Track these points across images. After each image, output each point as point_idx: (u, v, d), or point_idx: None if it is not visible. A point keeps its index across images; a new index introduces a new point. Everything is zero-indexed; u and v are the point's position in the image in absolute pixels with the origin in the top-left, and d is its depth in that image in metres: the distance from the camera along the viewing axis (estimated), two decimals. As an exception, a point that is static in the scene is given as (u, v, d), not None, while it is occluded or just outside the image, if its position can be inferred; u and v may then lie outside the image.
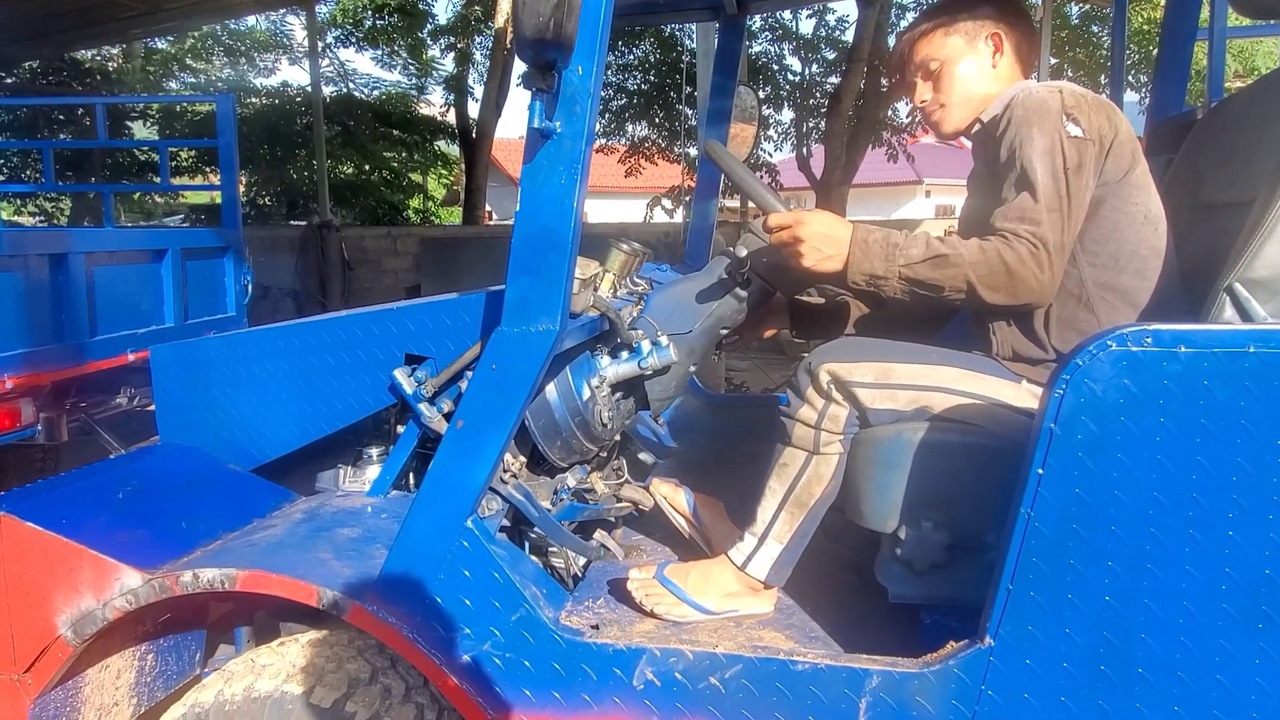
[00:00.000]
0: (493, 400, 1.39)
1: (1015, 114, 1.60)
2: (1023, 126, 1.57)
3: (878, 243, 1.58)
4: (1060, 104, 1.58)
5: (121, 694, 1.79)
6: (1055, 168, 1.54)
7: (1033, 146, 1.54)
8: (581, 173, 1.31)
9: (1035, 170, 1.53)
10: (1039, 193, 1.52)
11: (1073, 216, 1.55)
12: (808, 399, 1.57)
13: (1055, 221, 1.52)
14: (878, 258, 1.57)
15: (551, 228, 1.33)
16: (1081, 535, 1.22)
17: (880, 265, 1.57)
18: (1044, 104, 1.58)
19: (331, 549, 1.61)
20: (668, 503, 1.98)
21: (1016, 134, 1.58)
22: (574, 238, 1.33)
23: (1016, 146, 1.57)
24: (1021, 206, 1.53)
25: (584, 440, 1.71)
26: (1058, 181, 1.53)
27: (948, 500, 1.49)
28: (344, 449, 2.03)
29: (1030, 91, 1.63)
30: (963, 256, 1.53)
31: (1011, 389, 1.56)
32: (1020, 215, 1.53)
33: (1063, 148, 1.55)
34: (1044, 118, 1.57)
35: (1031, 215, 1.51)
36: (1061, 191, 1.53)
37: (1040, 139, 1.55)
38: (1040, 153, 1.54)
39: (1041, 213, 1.51)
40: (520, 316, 1.36)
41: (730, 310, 1.78)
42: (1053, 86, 1.63)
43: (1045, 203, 1.51)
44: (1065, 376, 1.19)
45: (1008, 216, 1.54)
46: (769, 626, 1.70)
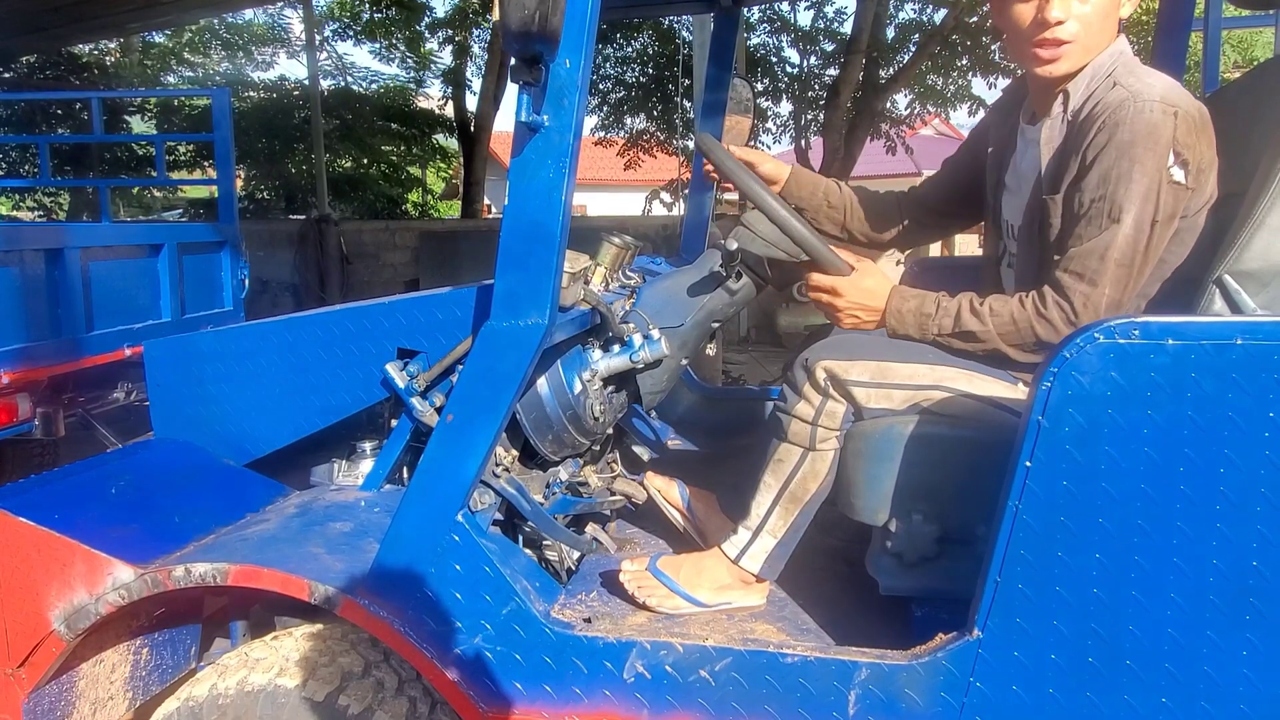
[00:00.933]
0: (482, 394, 1.39)
1: (1119, 138, 1.40)
2: (1123, 157, 1.40)
3: (911, 313, 1.57)
4: (1172, 134, 1.40)
5: (116, 688, 1.79)
6: (1144, 218, 1.40)
7: (1129, 187, 1.39)
8: (570, 166, 1.31)
9: (1124, 219, 1.40)
10: (1115, 246, 1.40)
11: (1144, 273, 1.45)
12: (804, 395, 1.57)
13: (1120, 279, 1.42)
14: (912, 327, 1.58)
15: (540, 221, 1.33)
16: (1069, 527, 1.22)
17: (915, 333, 1.58)
18: (1155, 131, 1.39)
19: (324, 543, 1.61)
20: (661, 496, 1.98)
21: (1114, 163, 1.40)
22: (562, 231, 1.33)
23: (1110, 178, 1.41)
24: (1086, 260, 1.42)
25: (575, 434, 1.71)
26: (1140, 235, 1.41)
27: (938, 493, 1.49)
28: (339, 443, 2.03)
29: (1141, 104, 1.41)
30: (990, 332, 1.50)
31: (1007, 389, 1.56)
32: (1081, 270, 1.43)
33: (1159, 195, 1.40)
34: (1151, 149, 1.39)
35: (1094, 274, 1.41)
36: (1141, 246, 1.41)
37: (1140, 179, 1.39)
38: (1135, 197, 1.39)
39: (1107, 271, 1.41)
40: (509, 310, 1.36)
41: (721, 303, 1.78)
42: (1169, 103, 1.41)
43: (1118, 257, 1.41)
44: (1053, 369, 1.19)
45: (1069, 267, 1.44)
46: (761, 619, 1.71)
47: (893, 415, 1.53)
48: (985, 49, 12.18)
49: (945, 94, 13.48)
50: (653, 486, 1.98)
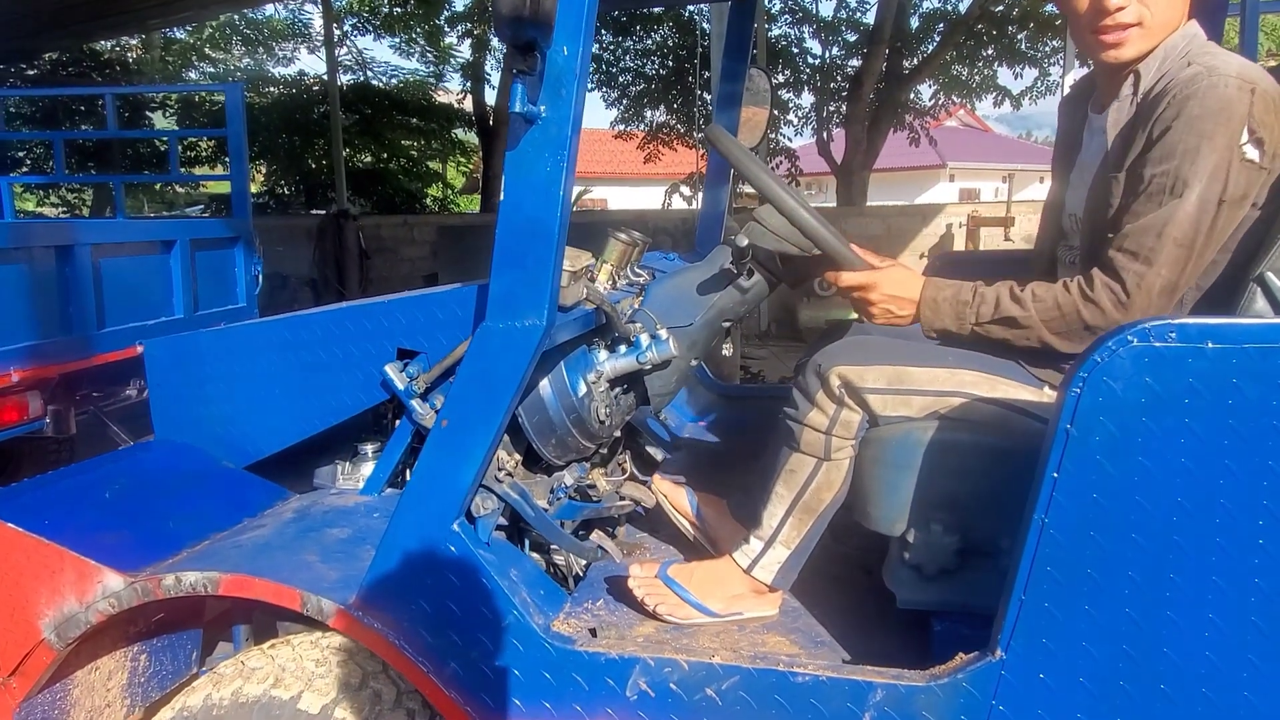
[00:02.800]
0: (479, 398, 1.33)
1: (1188, 106, 1.32)
2: (1191, 131, 1.31)
3: (947, 301, 1.50)
4: (1248, 110, 1.30)
5: (114, 695, 1.75)
6: (1210, 197, 1.31)
7: (1195, 162, 1.30)
8: (569, 159, 1.25)
9: (1187, 194, 1.31)
10: (1175, 223, 1.31)
11: (1205, 256, 1.36)
12: (818, 403, 1.50)
13: (1177, 260, 1.32)
14: (948, 317, 1.50)
15: (537, 218, 1.26)
16: (1099, 543, 1.14)
17: (951, 324, 1.50)
18: (1229, 106, 1.30)
19: (319, 551, 1.56)
20: (669, 502, 1.92)
21: (1181, 137, 1.31)
22: (561, 228, 1.27)
23: (1175, 153, 1.32)
24: (1142, 237, 1.33)
25: (580, 438, 1.65)
26: (1204, 214, 1.31)
27: (959, 503, 1.42)
28: (344, 445, 1.99)
29: (1215, 79, 1.32)
30: (1033, 318, 1.41)
31: (1032, 393, 1.47)
32: (1136, 247, 1.33)
33: (1229, 173, 1.31)
34: (1224, 125, 1.30)
35: (1149, 252, 1.32)
36: (1204, 227, 1.32)
37: (1209, 154, 1.30)
38: (1202, 173, 1.30)
39: (1164, 250, 1.32)
40: (506, 311, 1.30)
41: (732, 302, 1.71)
42: (1245, 79, 1.32)
43: (1177, 236, 1.31)
44: (1082, 374, 1.11)
45: (1123, 246, 1.35)
46: (773, 630, 1.64)
47: (910, 422, 1.45)
48: (1011, 38, 11.99)
49: (970, 84, 13.29)
50: (660, 492, 1.92)
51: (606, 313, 1.58)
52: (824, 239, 1.51)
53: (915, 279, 1.53)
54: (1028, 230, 12.02)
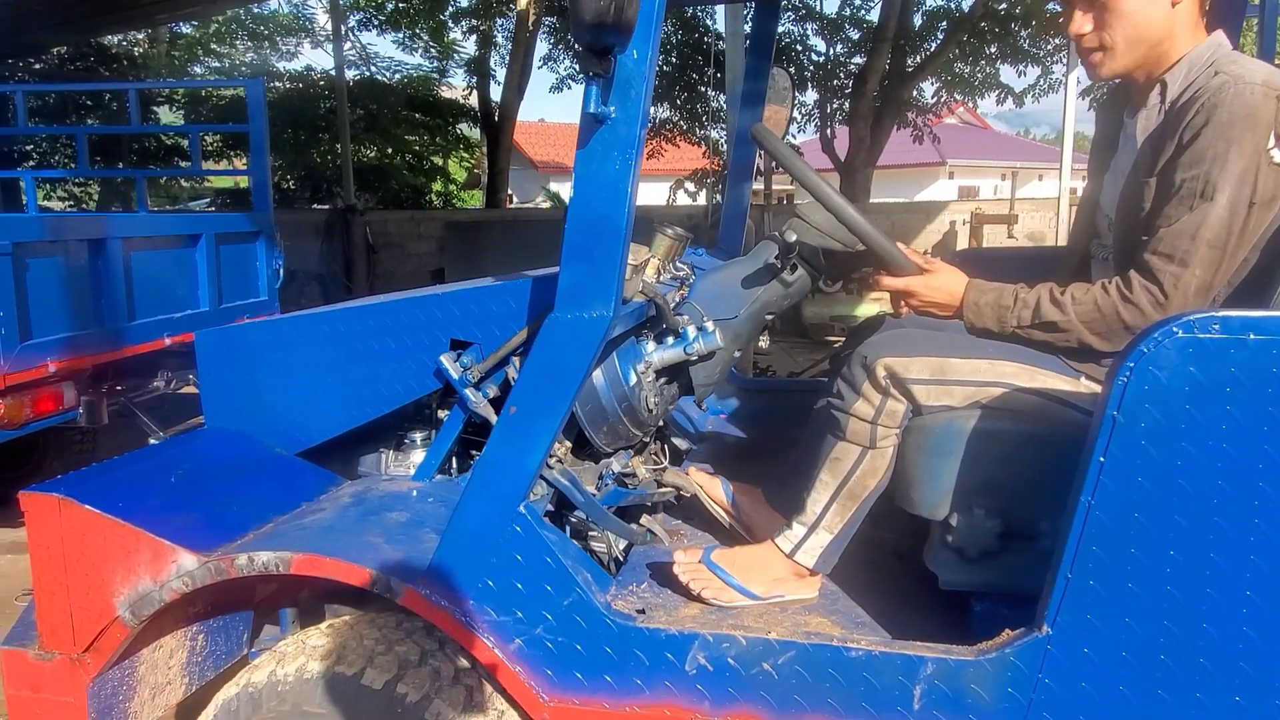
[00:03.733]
0: (545, 387, 1.39)
1: (1217, 118, 1.38)
2: (1220, 137, 1.37)
3: (989, 305, 1.58)
4: (1274, 115, 1.37)
5: (174, 673, 1.82)
6: (1240, 199, 1.37)
7: (1225, 167, 1.36)
8: (636, 158, 1.31)
9: (1218, 198, 1.36)
10: (1207, 226, 1.37)
11: (1237, 256, 1.41)
12: (864, 394, 1.56)
13: (1211, 261, 1.38)
14: (990, 320, 1.58)
15: (606, 213, 1.32)
16: (1143, 524, 1.20)
17: (993, 325, 1.58)
18: (1255, 113, 1.36)
19: (381, 532, 1.62)
20: (705, 493, 1.98)
21: (1211, 143, 1.37)
22: (628, 223, 1.33)
23: (1205, 158, 1.38)
24: (1177, 240, 1.39)
25: (630, 426, 1.71)
26: (1235, 216, 1.37)
27: (1000, 488, 1.48)
28: (384, 434, 2.04)
29: (1242, 87, 1.38)
30: (1073, 321, 1.49)
31: (1069, 384, 1.54)
32: (1171, 251, 1.40)
33: (1257, 176, 1.37)
34: (1250, 130, 1.36)
35: (1184, 254, 1.38)
36: (1235, 228, 1.38)
37: (1236, 160, 1.36)
38: (1231, 177, 1.36)
39: (1198, 252, 1.38)
40: (574, 302, 1.36)
41: (776, 296, 1.77)
42: (1271, 86, 1.39)
43: (1210, 238, 1.38)
44: (1129, 364, 1.18)
45: (1158, 249, 1.41)
46: (815, 612, 1.70)
47: (953, 411, 1.52)
48: (1014, 36, 12.04)
49: (973, 82, 13.34)
50: (696, 483, 1.98)
51: (659, 305, 1.64)
52: (873, 239, 1.57)
53: (959, 280, 1.61)
54: (1031, 228, 12.09)
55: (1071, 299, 1.50)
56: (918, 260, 1.63)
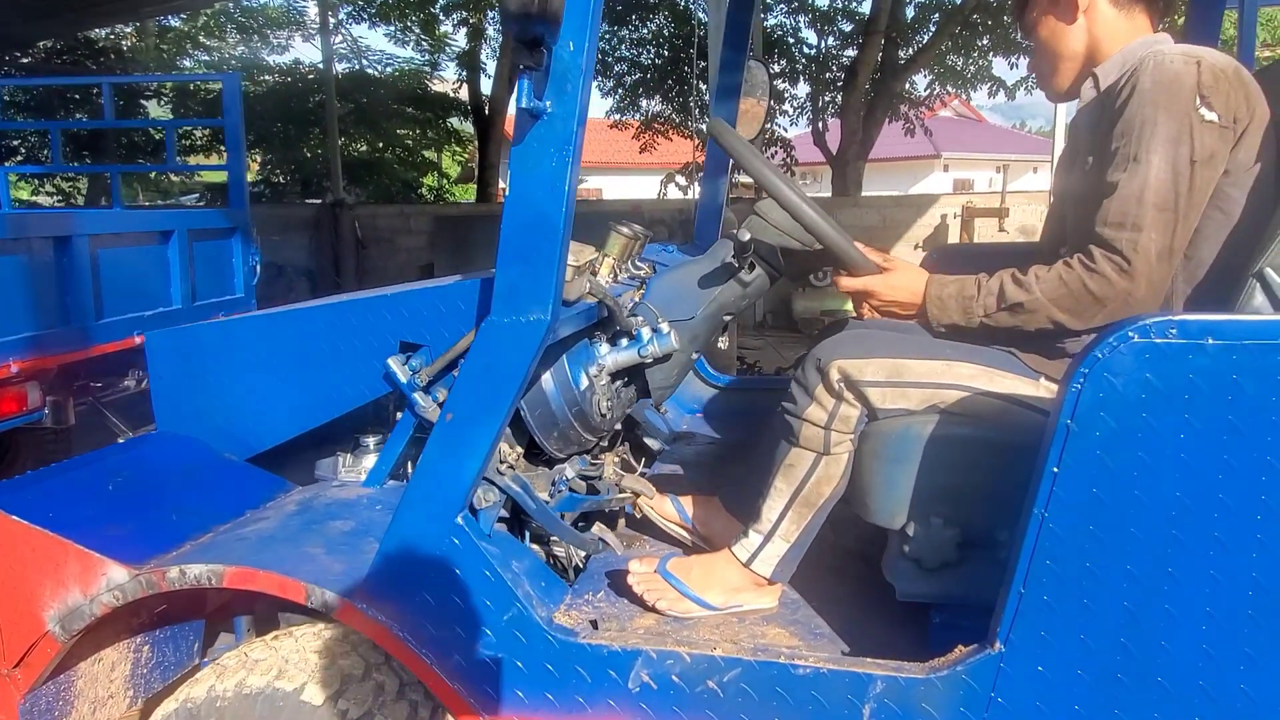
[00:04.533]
0: (483, 393, 1.34)
1: (1141, 85, 1.39)
2: (1146, 105, 1.37)
3: (952, 297, 1.53)
4: (1196, 80, 1.37)
5: (116, 686, 1.76)
6: (1179, 159, 1.36)
7: (1154, 132, 1.36)
8: (573, 154, 1.25)
9: (1152, 161, 1.35)
10: (1150, 189, 1.35)
11: (1189, 217, 1.38)
12: (817, 398, 1.51)
13: (1164, 224, 1.35)
14: (955, 311, 1.53)
15: (543, 213, 1.26)
16: (1099, 537, 1.15)
17: (959, 318, 1.53)
18: (1176, 80, 1.37)
19: (323, 543, 1.57)
20: (657, 515, 1.92)
21: (1138, 113, 1.38)
22: (566, 223, 1.27)
23: (1135, 129, 1.38)
24: (1124, 207, 1.36)
25: (582, 431, 1.66)
26: (1178, 177, 1.35)
27: (958, 496, 1.43)
28: (346, 437, 1.99)
29: (1163, 59, 1.40)
30: (1039, 300, 1.43)
31: (1029, 386, 1.49)
32: (1121, 219, 1.37)
33: (1192, 135, 1.36)
34: (1175, 95, 1.36)
35: (1134, 218, 1.35)
36: (1182, 188, 1.36)
37: (1165, 122, 1.35)
38: (1163, 140, 1.35)
39: (1147, 214, 1.35)
40: (511, 306, 1.30)
41: (734, 295, 1.71)
42: (1190, 55, 1.41)
43: (1154, 200, 1.35)
44: (1083, 370, 1.12)
45: (1107, 219, 1.38)
46: (773, 622, 1.65)
47: (910, 415, 1.47)
48: (1007, 28, 11.98)
49: (965, 75, 13.28)
50: (645, 507, 1.92)
51: (609, 307, 1.58)
52: (827, 235, 1.52)
53: (919, 277, 1.55)
54: (1022, 221, 12.04)
55: (1035, 278, 1.45)
56: (876, 259, 1.58)
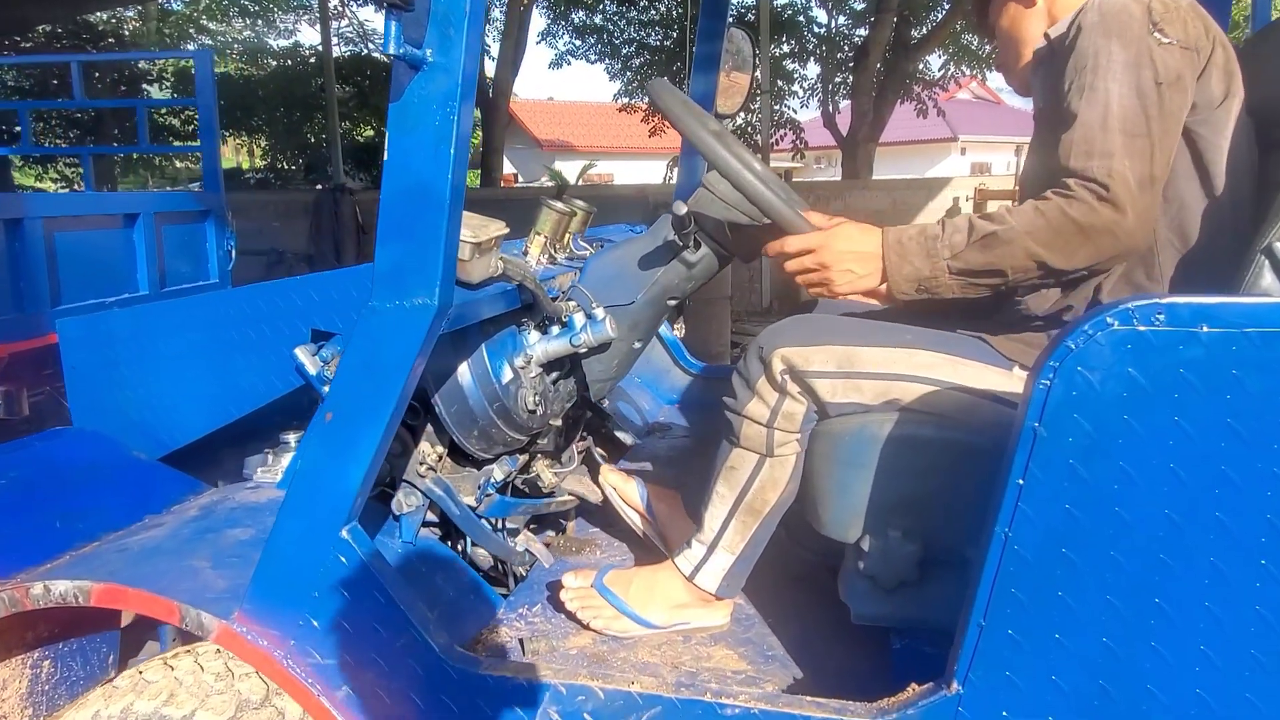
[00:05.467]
0: (364, 389, 1.16)
1: (1088, 21, 1.26)
2: (1097, 36, 1.24)
3: (913, 239, 1.28)
4: (1146, 10, 1.24)
5: (11, 705, 1.61)
6: (1142, 82, 1.20)
7: (1109, 60, 1.21)
8: (461, 113, 1.07)
9: (1110, 88, 1.20)
10: (1113, 116, 1.18)
11: (1165, 143, 1.21)
12: (758, 392, 1.33)
13: (1138, 149, 1.18)
14: (917, 256, 1.26)
15: (424, 181, 1.08)
16: (1072, 561, 0.97)
17: (924, 264, 1.26)
18: (1125, 10, 1.24)
19: (212, 554, 1.40)
20: (618, 495, 1.75)
21: (1088, 45, 1.24)
22: (454, 193, 1.09)
23: (1087, 61, 1.23)
24: (1089, 136, 1.19)
25: (506, 429, 1.48)
26: (1144, 99, 1.20)
27: (920, 506, 1.25)
28: (272, 434, 1.84)
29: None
30: (1015, 229, 1.20)
31: (999, 376, 1.29)
32: (1087, 148, 1.18)
33: (1151, 57, 1.22)
34: (1125, 23, 1.23)
35: (1102, 146, 1.17)
36: (1150, 110, 1.20)
37: (1120, 51, 1.21)
38: (1121, 66, 1.20)
39: (1115, 140, 1.17)
40: (392, 289, 1.12)
41: (678, 278, 1.53)
42: None
43: (1122, 126, 1.17)
44: (1053, 363, 0.94)
45: (1072, 153, 1.20)
46: (721, 642, 1.48)
47: (863, 410, 1.28)
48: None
49: (980, 54, 12.94)
50: (608, 485, 1.75)
51: (531, 290, 1.40)
52: (767, 202, 1.32)
53: (871, 231, 1.32)
54: (1037, 204, 11.73)
55: (1007, 211, 1.24)
56: (819, 222, 1.37)
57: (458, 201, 1.10)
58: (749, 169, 1.36)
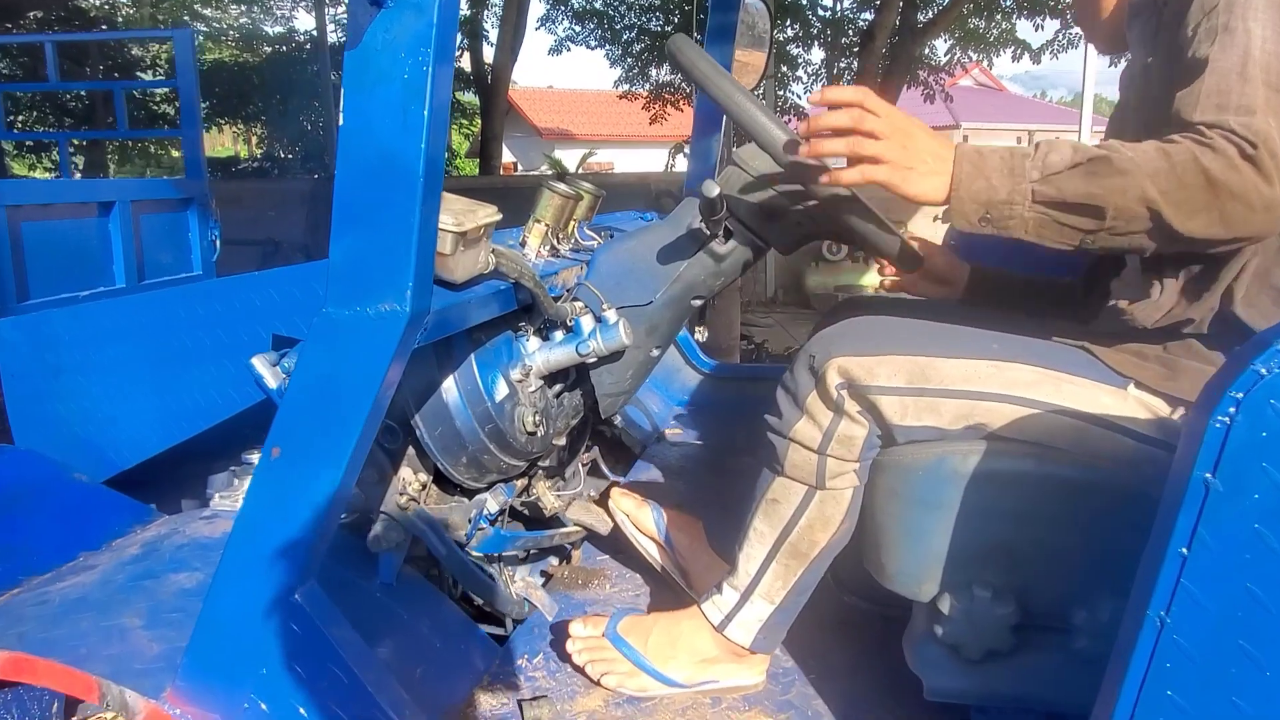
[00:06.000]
0: (319, 419, 0.91)
1: None
2: None
3: (995, 153, 1.00)
4: None
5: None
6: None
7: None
8: (436, 62, 0.82)
9: (1253, 30, 0.96)
10: (1254, 63, 0.93)
11: None
12: (809, 410, 1.08)
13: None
14: (996, 173, 0.98)
15: (392, 152, 0.84)
16: (1255, 658, 0.73)
17: (1002, 183, 0.98)
18: None
19: (146, 610, 1.16)
20: (630, 523, 1.51)
21: None
22: (429, 166, 0.84)
23: (1215, 3, 0.98)
24: (1224, 86, 0.95)
25: (500, 455, 1.24)
26: None
27: (1015, 558, 1.00)
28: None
29: None
30: (1134, 161, 0.94)
31: (1112, 397, 1.05)
32: (1220, 100, 0.93)
33: None
34: None
35: (1240, 98, 0.93)
36: None
37: None
38: (1263, 5, 0.95)
39: (1258, 93, 0.92)
40: (351, 292, 0.88)
41: (704, 273, 1.28)
42: None
43: (1265, 77, 0.93)
44: (1235, 393, 0.69)
45: (1200, 105, 0.96)
46: (757, 706, 1.25)
47: (940, 436, 1.04)
48: (1031, -13, 11.37)
49: (988, 38, 12.65)
50: (620, 512, 1.51)
51: (529, 289, 1.16)
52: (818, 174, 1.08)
53: (944, 137, 1.06)
54: (1049, 191, 11.48)
55: (1120, 144, 0.97)
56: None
57: (435, 180, 0.85)
58: (796, 139, 1.11)
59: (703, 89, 1.11)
